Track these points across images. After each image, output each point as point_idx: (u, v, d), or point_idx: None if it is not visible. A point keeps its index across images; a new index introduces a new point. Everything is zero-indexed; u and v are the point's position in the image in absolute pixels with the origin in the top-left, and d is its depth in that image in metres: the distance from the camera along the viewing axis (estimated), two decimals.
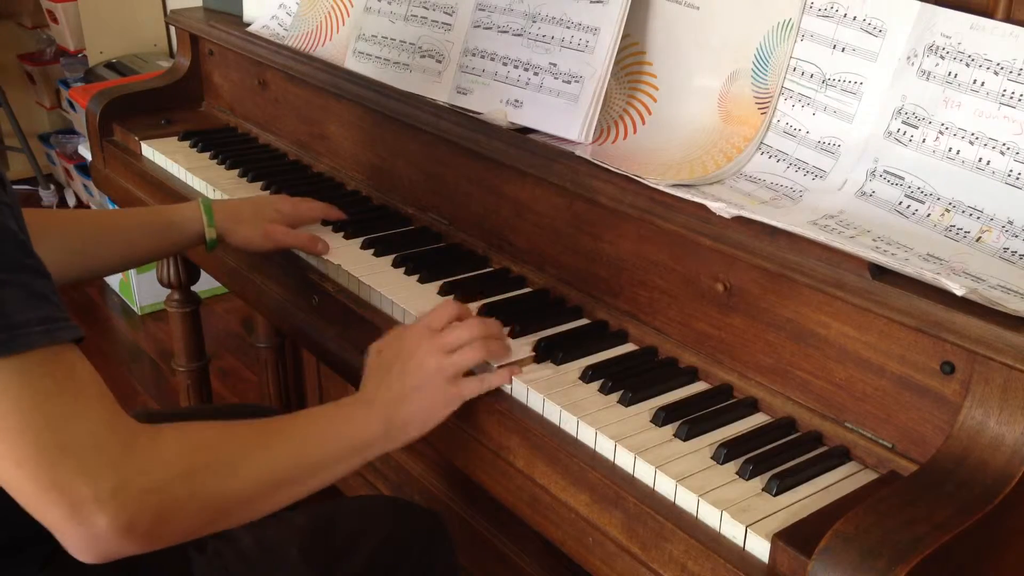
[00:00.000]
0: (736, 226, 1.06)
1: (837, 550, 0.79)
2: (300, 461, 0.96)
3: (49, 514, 0.80)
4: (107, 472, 0.81)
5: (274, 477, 0.93)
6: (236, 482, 0.90)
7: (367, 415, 1.02)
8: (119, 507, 0.81)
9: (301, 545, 1.19)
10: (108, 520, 0.81)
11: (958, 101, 1.04)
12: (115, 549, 0.83)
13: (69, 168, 3.78)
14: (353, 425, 1.01)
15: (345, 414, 1.03)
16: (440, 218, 1.48)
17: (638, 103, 1.33)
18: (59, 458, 0.79)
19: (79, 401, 0.82)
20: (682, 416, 1.03)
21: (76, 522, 0.80)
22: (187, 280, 1.98)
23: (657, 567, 0.94)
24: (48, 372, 0.81)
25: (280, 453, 0.95)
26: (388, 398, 1.04)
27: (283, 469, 0.94)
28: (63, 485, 0.79)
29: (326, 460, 0.98)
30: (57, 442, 0.80)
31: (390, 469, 2.07)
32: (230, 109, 1.97)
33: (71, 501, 0.80)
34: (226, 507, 0.91)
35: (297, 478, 0.96)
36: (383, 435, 1.02)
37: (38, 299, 0.82)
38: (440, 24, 1.51)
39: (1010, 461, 0.84)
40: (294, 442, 0.97)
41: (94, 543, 0.82)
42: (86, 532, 0.81)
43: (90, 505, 0.80)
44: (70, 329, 0.84)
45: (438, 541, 1.31)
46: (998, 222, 1.01)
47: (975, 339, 0.87)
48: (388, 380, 1.05)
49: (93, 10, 3.39)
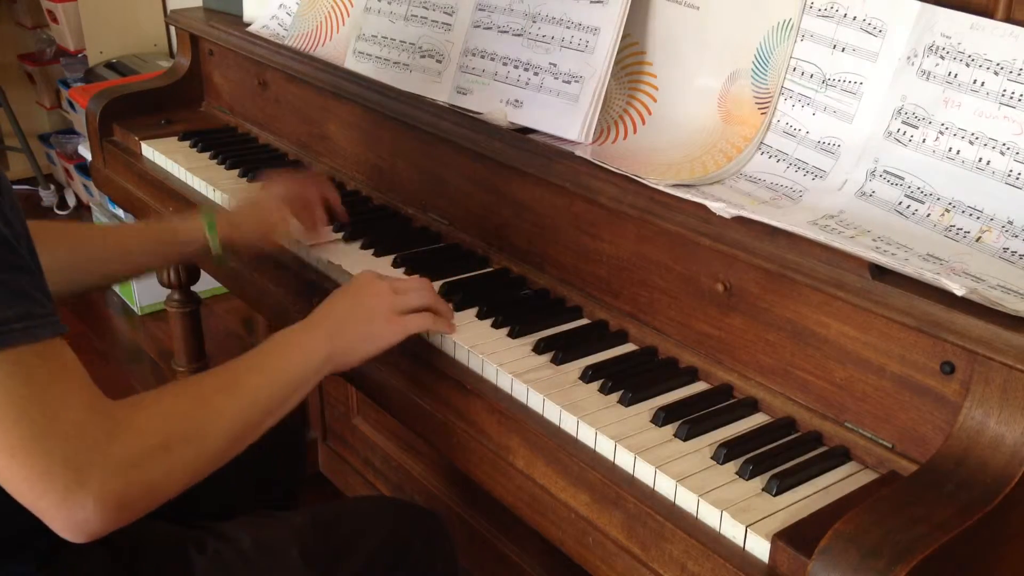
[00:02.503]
0: (736, 226, 1.06)
1: (837, 550, 0.79)
2: (261, 401, 1.01)
3: (40, 501, 0.84)
4: (92, 457, 0.85)
5: (243, 425, 0.99)
6: (210, 442, 0.96)
7: (313, 339, 1.08)
8: (106, 489, 0.85)
9: (301, 545, 1.19)
10: (95, 502, 0.85)
11: (958, 101, 1.04)
12: (103, 527, 0.87)
13: (69, 168, 3.78)
14: (301, 354, 1.06)
15: (294, 345, 1.07)
16: (440, 218, 1.48)
17: (638, 103, 1.33)
18: (47, 447, 0.83)
19: (64, 391, 0.85)
20: (682, 416, 1.03)
21: (67, 507, 0.84)
22: (187, 280, 1.98)
23: (657, 567, 0.94)
24: (38, 364, 0.84)
25: (241, 402, 0.99)
26: (333, 324, 1.10)
27: (248, 414, 0.99)
28: (53, 473, 0.83)
29: (283, 392, 1.03)
30: (45, 432, 0.83)
31: (390, 469, 2.07)
32: (230, 109, 1.97)
33: (60, 487, 0.83)
34: (202, 467, 0.96)
35: (261, 418, 1.01)
36: (328, 359, 1.07)
37: (17, 296, 0.84)
38: (440, 24, 1.51)
39: (1010, 461, 0.84)
40: (253, 385, 1.01)
41: (84, 524, 0.85)
42: (76, 515, 0.84)
43: (78, 490, 0.84)
44: (50, 326, 0.86)
45: (438, 541, 1.31)
46: (998, 222, 1.01)
47: (975, 339, 0.87)
48: (336, 309, 1.12)
49: (93, 10, 3.38)
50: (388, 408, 1.28)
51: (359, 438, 2.14)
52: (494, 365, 1.13)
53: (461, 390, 1.14)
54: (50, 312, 0.86)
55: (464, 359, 1.17)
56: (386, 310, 1.13)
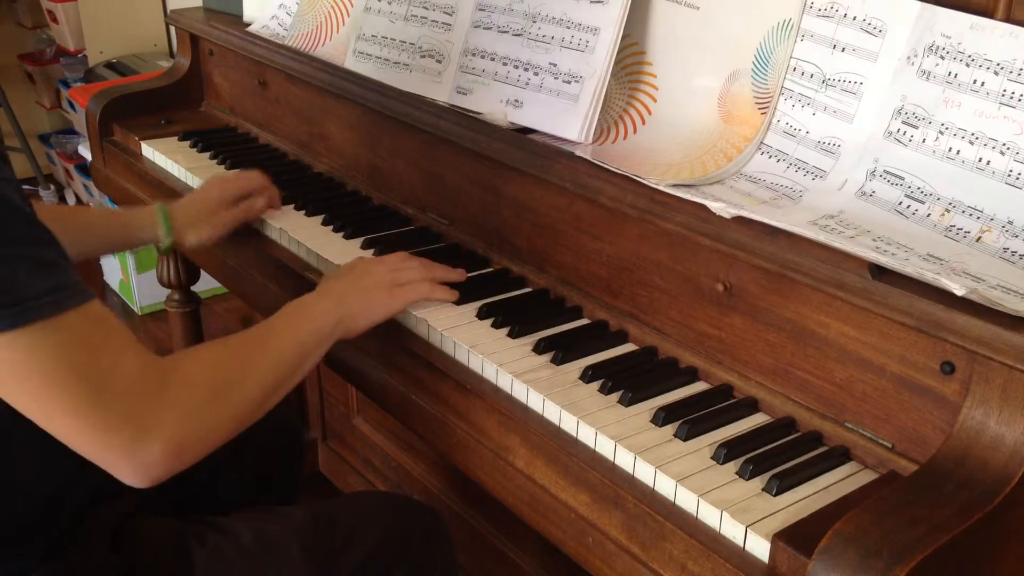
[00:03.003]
0: (736, 226, 1.06)
1: (837, 550, 0.79)
2: (284, 362, 1.09)
3: (108, 453, 0.90)
4: (153, 407, 0.92)
5: (274, 377, 1.07)
6: (249, 389, 1.03)
7: (325, 308, 1.16)
8: (167, 437, 0.92)
9: (301, 541, 1.19)
10: (160, 448, 0.92)
11: (958, 101, 1.04)
12: (168, 471, 0.94)
13: (69, 168, 3.78)
14: (316, 319, 1.15)
15: (309, 310, 1.16)
16: (440, 218, 1.48)
17: (638, 103, 1.33)
18: (108, 403, 0.89)
19: (115, 349, 0.91)
20: (682, 416, 1.03)
21: (134, 455, 0.91)
22: (187, 280, 1.98)
23: (657, 567, 0.94)
24: (85, 329, 0.88)
25: (271, 357, 1.08)
26: (340, 293, 1.19)
27: (277, 369, 1.08)
28: (117, 426, 0.89)
29: (303, 352, 1.12)
30: (107, 389, 0.89)
31: (390, 469, 2.07)
32: (230, 109, 1.97)
33: (128, 439, 0.90)
34: (247, 412, 1.03)
35: (288, 374, 1.09)
36: (339, 323, 1.16)
37: (48, 268, 0.87)
38: (440, 24, 1.51)
39: (1010, 461, 0.84)
40: (276, 348, 1.09)
41: (151, 470, 0.92)
42: (144, 461, 0.91)
43: (142, 440, 0.91)
44: (81, 292, 0.89)
45: (437, 537, 1.32)
46: (998, 222, 1.01)
47: (975, 339, 0.87)
48: (340, 283, 1.21)
49: (93, 10, 3.38)
50: (388, 408, 1.28)
51: (359, 438, 2.14)
52: (494, 365, 1.13)
53: (461, 390, 1.14)
54: (78, 279, 0.89)
55: (464, 359, 1.17)
56: (386, 284, 1.22)
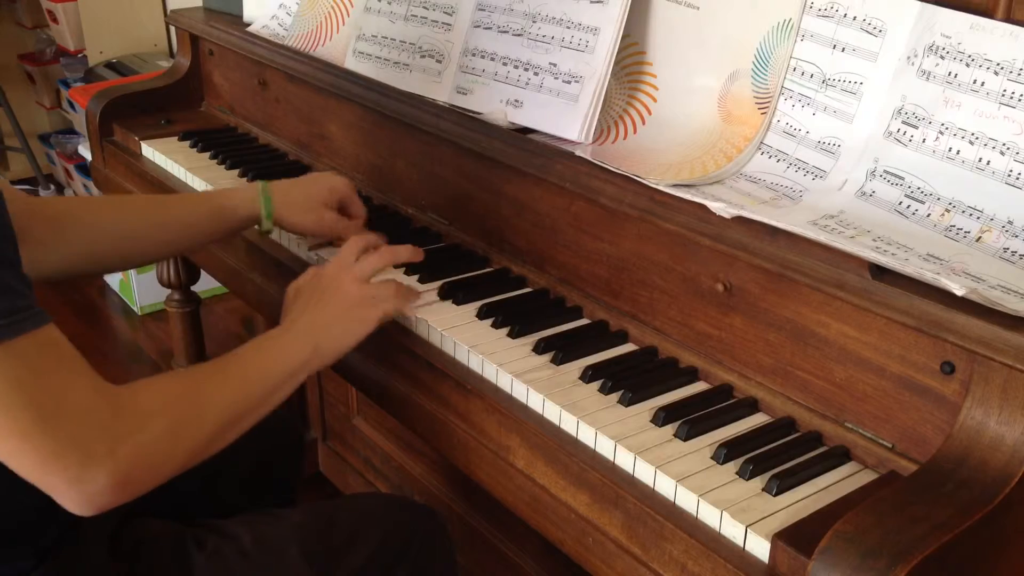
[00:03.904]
0: (736, 226, 1.06)
1: (837, 550, 0.79)
2: (249, 396, 1.06)
3: (52, 479, 0.87)
4: (101, 435, 0.89)
5: (234, 413, 1.04)
6: (207, 425, 1.00)
7: (295, 342, 1.13)
8: (114, 467, 0.89)
9: (301, 543, 1.19)
10: (106, 479, 0.89)
11: (958, 101, 1.04)
12: (112, 501, 0.91)
13: (69, 168, 3.78)
14: (287, 354, 1.11)
15: (279, 345, 1.12)
16: (440, 218, 1.48)
17: (638, 103, 1.33)
18: (57, 429, 0.86)
19: (66, 376, 0.89)
20: (682, 416, 1.03)
21: (78, 483, 0.88)
22: (187, 280, 1.98)
23: (657, 567, 0.94)
24: (36, 353, 0.86)
25: (233, 394, 1.04)
26: (313, 324, 1.14)
27: (239, 405, 1.04)
28: (64, 452, 0.87)
29: (270, 389, 1.08)
30: (54, 414, 0.86)
31: (390, 469, 2.07)
32: (230, 109, 1.97)
33: (72, 465, 0.87)
34: (201, 448, 1.00)
35: (251, 410, 1.06)
36: (311, 357, 1.12)
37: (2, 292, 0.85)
38: (440, 24, 1.51)
39: (1010, 461, 0.84)
40: (242, 381, 1.06)
41: (95, 499, 0.90)
42: (88, 490, 0.88)
43: (88, 468, 0.88)
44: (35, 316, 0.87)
45: (438, 539, 1.32)
46: (998, 222, 1.01)
47: (975, 339, 0.87)
48: (310, 309, 1.16)
49: (93, 10, 3.38)
50: (388, 408, 1.28)
51: (359, 438, 2.14)
52: (494, 365, 1.13)
53: (461, 390, 1.14)
54: (32, 303, 0.88)
55: (464, 359, 1.17)
56: (357, 300, 1.17)
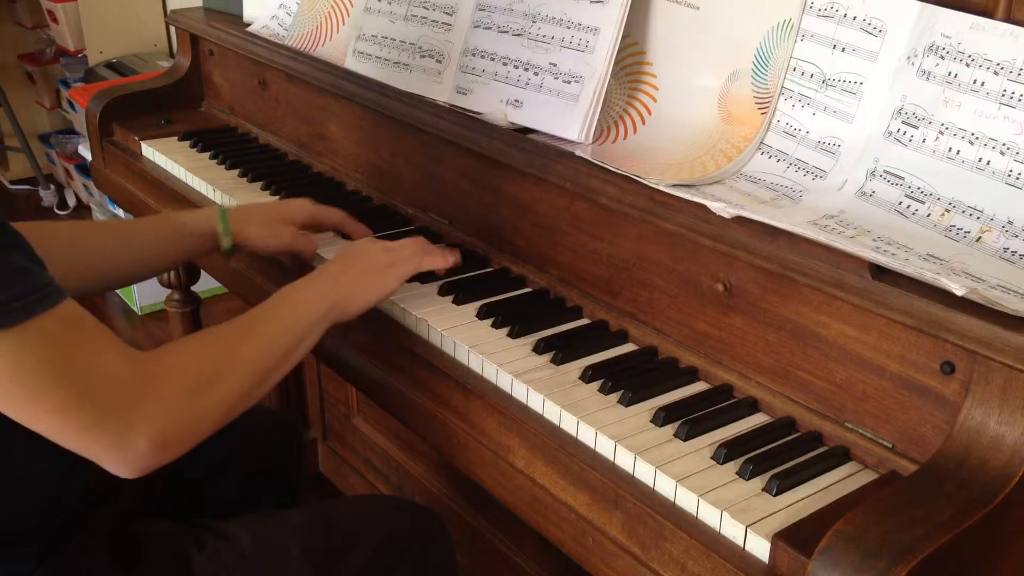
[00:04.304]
0: (736, 226, 1.06)
1: (837, 550, 0.79)
2: (274, 349, 1.08)
3: (95, 447, 0.91)
4: (135, 402, 0.92)
5: (262, 366, 1.06)
6: (236, 380, 1.02)
7: (319, 291, 1.15)
8: (153, 429, 0.93)
9: (301, 544, 1.19)
10: (147, 441, 0.92)
11: (958, 101, 1.04)
12: (156, 462, 0.95)
13: (69, 168, 3.78)
14: (309, 302, 1.14)
15: (301, 295, 1.15)
16: (440, 218, 1.48)
17: (638, 103, 1.33)
18: (93, 399, 0.90)
19: (92, 347, 0.91)
20: (682, 416, 1.03)
21: (121, 449, 0.92)
22: (187, 280, 1.98)
23: (657, 567, 0.94)
24: (59, 329, 0.88)
25: (260, 344, 1.07)
26: (334, 276, 1.18)
27: (266, 357, 1.07)
28: (102, 421, 0.90)
29: (295, 339, 1.10)
30: (88, 386, 0.89)
31: (390, 469, 2.07)
32: (230, 109, 1.97)
33: (112, 433, 0.91)
34: (235, 401, 1.02)
35: (276, 364, 1.08)
36: (333, 306, 1.15)
37: (18, 272, 0.87)
38: (440, 24, 1.51)
39: (1010, 461, 0.84)
40: (266, 335, 1.08)
41: (137, 462, 0.93)
42: (130, 455, 0.92)
43: (129, 433, 0.91)
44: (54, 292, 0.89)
45: (438, 540, 1.32)
46: (998, 222, 1.01)
47: (975, 339, 0.87)
48: (336, 266, 1.20)
49: (93, 10, 3.38)
50: (388, 408, 1.28)
51: (359, 438, 2.14)
52: (494, 365, 1.13)
53: (461, 390, 1.14)
54: (50, 280, 0.89)
55: (464, 359, 1.17)
56: (380, 264, 1.21)
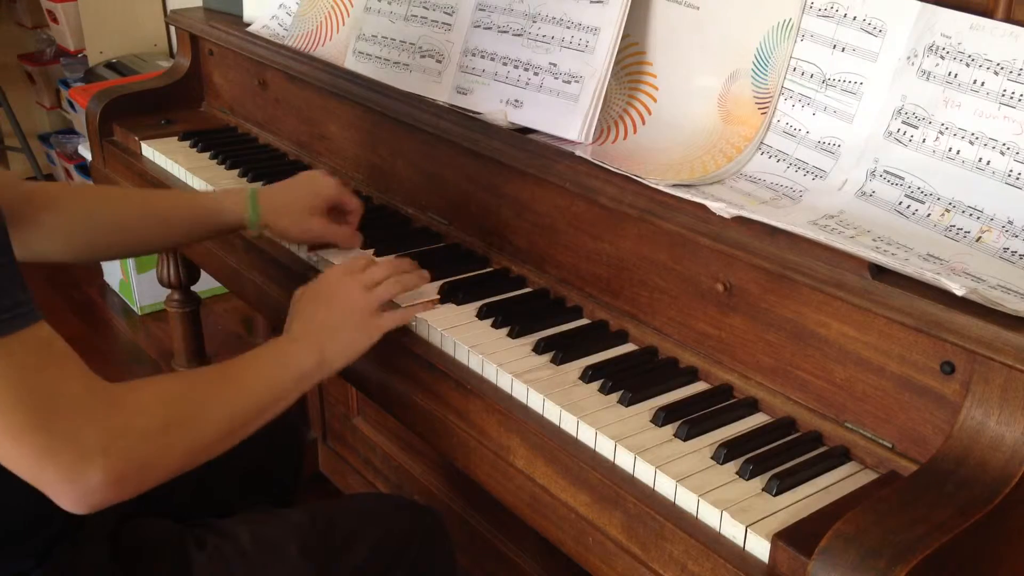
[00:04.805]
0: (736, 226, 1.06)
1: (837, 550, 0.79)
2: (251, 403, 1.05)
3: (45, 476, 0.87)
4: (94, 433, 0.88)
5: (233, 421, 1.03)
6: (204, 429, 1.00)
7: (301, 351, 1.12)
8: (108, 463, 0.88)
9: (300, 542, 1.19)
10: (100, 475, 0.88)
11: (958, 101, 1.04)
12: (106, 499, 0.90)
13: (69, 168, 3.78)
14: (291, 363, 1.10)
15: (283, 353, 1.11)
16: (440, 218, 1.48)
17: (638, 103, 1.33)
18: (50, 426, 0.86)
19: (60, 373, 0.88)
20: (682, 416, 1.03)
21: (71, 480, 0.87)
22: (187, 280, 1.98)
23: (657, 567, 0.94)
24: (24, 352, 0.86)
25: (235, 399, 1.04)
26: (318, 334, 1.13)
27: (239, 412, 1.04)
28: (57, 449, 0.86)
29: (272, 398, 1.08)
30: (47, 412, 0.86)
31: (390, 469, 2.07)
32: (230, 109, 1.97)
33: (65, 462, 0.86)
34: (199, 451, 0.99)
35: (250, 418, 1.05)
36: (316, 367, 1.12)
37: None
38: (440, 24, 1.51)
39: (1010, 461, 0.84)
40: (245, 387, 1.06)
41: (88, 496, 0.89)
42: (81, 488, 0.88)
43: (82, 464, 0.87)
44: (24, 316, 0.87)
45: (437, 539, 1.32)
46: (998, 222, 1.01)
47: (975, 339, 0.87)
48: (316, 318, 1.15)
49: (93, 10, 3.38)
50: (388, 408, 1.28)
51: (359, 438, 2.14)
52: (494, 365, 1.13)
53: (461, 390, 1.14)
54: (23, 301, 0.87)
55: (464, 359, 1.17)
56: (364, 309, 1.17)
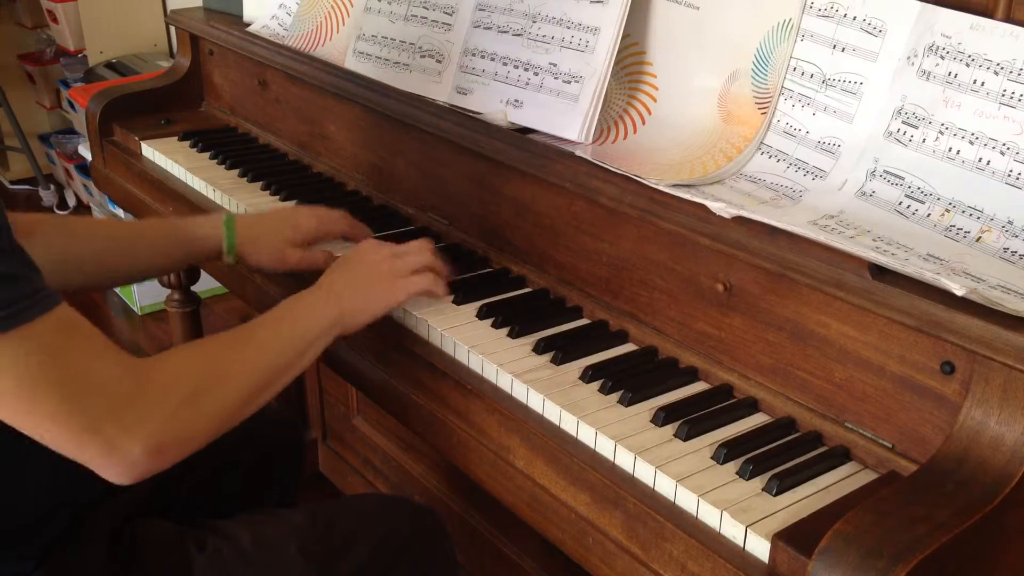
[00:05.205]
0: (736, 226, 1.06)
1: (837, 550, 0.79)
2: (275, 358, 1.07)
3: (88, 452, 0.91)
4: (129, 407, 0.92)
5: (259, 378, 1.05)
6: (232, 391, 1.02)
7: (323, 305, 1.14)
8: (146, 435, 0.92)
9: (300, 543, 1.19)
10: (141, 447, 0.92)
11: (958, 101, 1.04)
12: (150, 469, 0.94)
13: (69, 168, 3.78)
14: (312, 316, 1.12)
15: (304, 308, 1.13)
16: (440, 218, 1.48)
17: (638, 103, 1.33)
18: (87, 404, 0.89)
19: (87, 353, 0.91)
20: (682, 416, 1.03)
21: (114, 455, 0.91)
22: (187, 280, 1.97)
23: (657, 567, 0.94)
24: (50, 335, 0.88)
25: (258, 356, 1.06)
26: (340, 288, 1.16)
27: (264, 369, 1.06)
28: (96, 427, 0.90)
29: (295, 352, 1.09)
30: (82, 391, 0.89)
31: (390, 469, 2.07)
32: (230, 109, 1.97)
33: (106, 439, 0.90)
34: (231, 411, 1.02)
35: (276, 374, 1.07)
36: (337, 320, 1.14)
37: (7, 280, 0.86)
38: (440, 24, 1.51)
39: (1010, 461, 0.84)
40: (268, 343, 1.08)
41: (131, 468, 0.93)
42: (123, 460, 0.92)
43: (122, 438, 0.91)
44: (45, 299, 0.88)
45: (437, 539, 1.31)
46: (998, 222, 1.01)
47: (975, 339, 0.87)
48: (342, 276, 1.19)
49: (93, 10, 3.38)
50: (388, 408, 1.28)
51: (359, 438, 2.14)
52: (494, 365, 1.13)
53: (461, 390, 1.14)
54: (42, 287, 0.89)
55: (464, 359, 1.17)
56: (388, 273, 1.19)
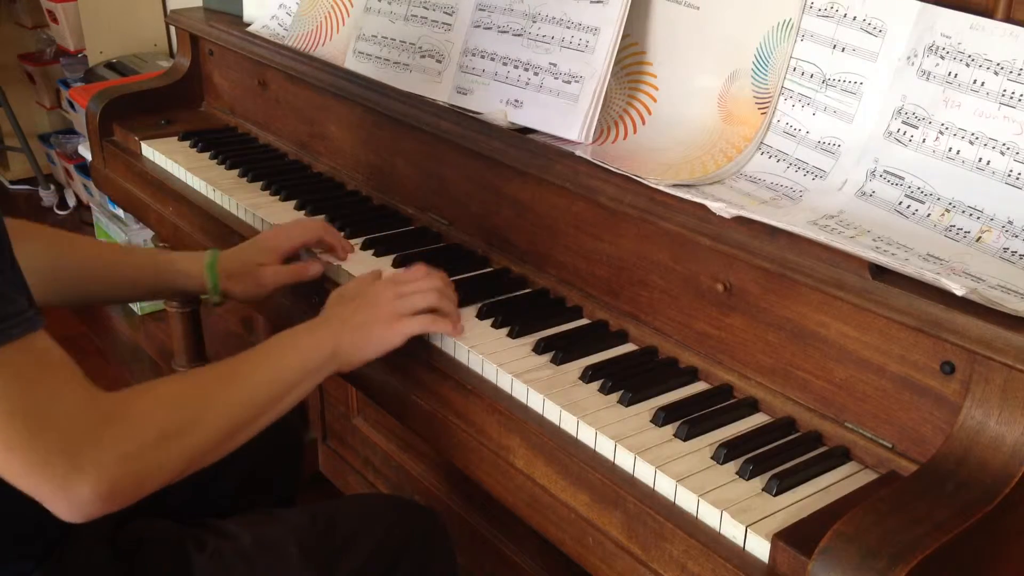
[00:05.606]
0: (736, 226, 1.06)
1: (837, 550, 0.79)
2: (258, 396, 1.02)
3: (39, 488, 0.87)
4: (87, 445, 0.87)
5: (239, 418, 1.00)
6: (204, 433, 0.97)
7: (317, 340, 1.09)
8: (99, 476, 0.88)
9: (300, 543, 1.19)
10: (91, 488, 0.87)
11: (958, 101, 1.04)
12: (99, 511, 0.89)
13: (69, 168, 3.78)
14: (304, 352, 1.07)
15: (297, 343, 1.08)
16: (440, 218, 1.48)
17: (638, 103, 1.33)
18: (43, 437, 0.85)
19: (56, 383, 0.87)
20: (682, 416, 1.03)
21: (63, 493, 0.87)
22: None
23: (657, 567, 0.94)
24: (22, 361, 0.85)
25: (240, 395, 1.01)
26: (337, 324, 1.11)
27: (244, 409, 1.00)
28: (49, 461, 0.86)
29: (281, 389, 1.04)
30: (41, 424, 0.85)
31: (390, 469, 2.07)
32: (230, 109, 1.97)
33: (56, 475, 0.86)
34: (197, 457, 0.97)
35: (259, 413, 1.02)
36: (332, 358, 1.09)
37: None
38: (440, 24, 1.51)
39: (1010, 461, 0.84)
40: (251, 381, 1.02)
41: (80, 508, 0.88)
42: (72, 500, 0.87)
43: (74, 477, 0.86)
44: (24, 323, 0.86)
45: (437, 540, 1.31)
46: (998, 222, 1.01)
47: (975, 339, 0.87)
48: (342, 311, 1.13)
49: (93, 10, 3.38)
50: (388, 408, 1.28)
51: (359, 438, 2.14)
52: (494, 365, 1.13)
53: (461, 390, 1.14)
54: (23, 309, 0.86)
55: (464, 359, 1.17)
56: (388, 314, 1.14)
